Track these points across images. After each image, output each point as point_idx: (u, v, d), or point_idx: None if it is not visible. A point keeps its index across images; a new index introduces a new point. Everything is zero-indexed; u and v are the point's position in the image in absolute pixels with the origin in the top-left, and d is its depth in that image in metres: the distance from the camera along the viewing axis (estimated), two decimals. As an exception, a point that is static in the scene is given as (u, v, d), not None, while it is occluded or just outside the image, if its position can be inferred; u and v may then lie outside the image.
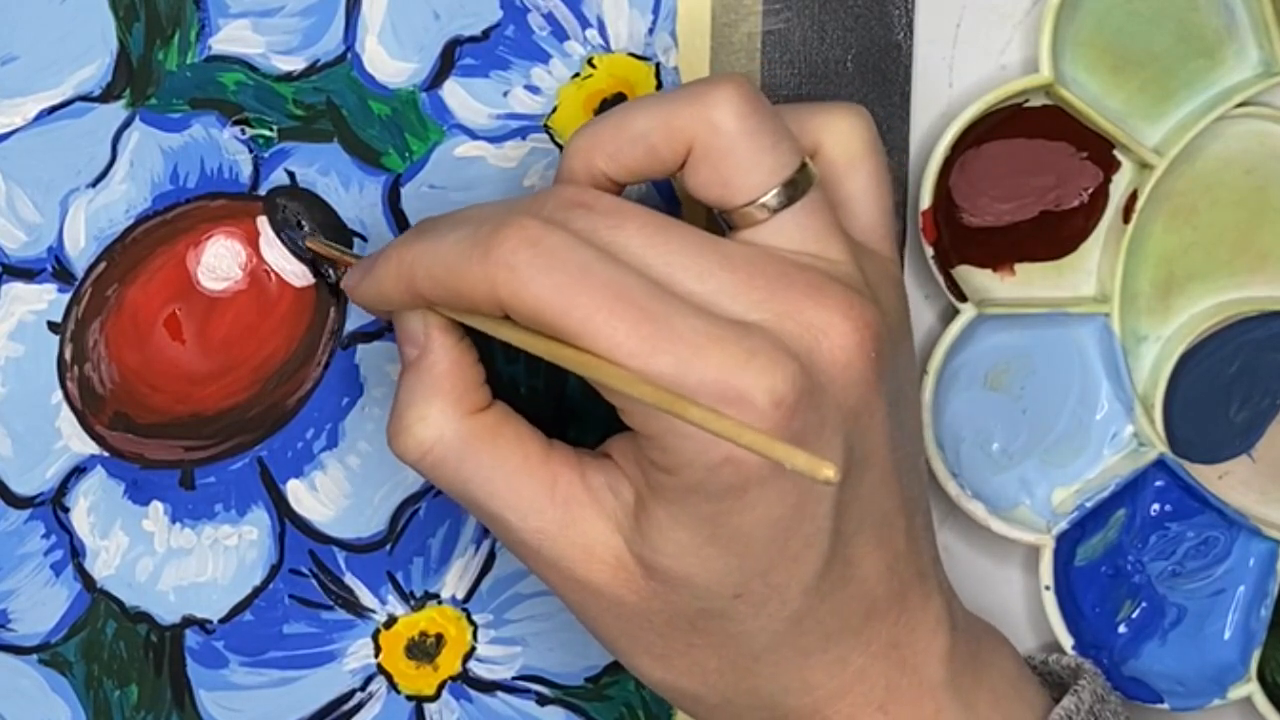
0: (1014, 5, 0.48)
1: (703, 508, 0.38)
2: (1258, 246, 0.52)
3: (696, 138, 0.38)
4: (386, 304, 0.40)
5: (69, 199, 0.42)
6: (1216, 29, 0.49)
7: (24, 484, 0.43)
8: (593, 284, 0.36)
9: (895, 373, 0.40)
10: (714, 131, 0.38)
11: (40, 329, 0.42)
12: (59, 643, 0.44)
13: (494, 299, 0.37)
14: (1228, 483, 0.53)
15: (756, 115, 0.38)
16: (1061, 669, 0.47)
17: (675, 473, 0.37)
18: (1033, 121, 0.48)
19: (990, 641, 0.44)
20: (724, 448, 0.36)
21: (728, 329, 0.36)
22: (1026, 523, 0.50)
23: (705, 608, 0.39)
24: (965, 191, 0.49)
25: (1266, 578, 0.53)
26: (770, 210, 0.39)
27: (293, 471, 0.45)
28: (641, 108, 0.39)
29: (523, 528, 0.40)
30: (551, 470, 0.40)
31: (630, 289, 0.36)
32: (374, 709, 0.47)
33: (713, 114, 0.38)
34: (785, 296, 0.38)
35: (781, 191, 0.39)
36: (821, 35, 0.46)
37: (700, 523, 0.38)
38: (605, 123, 0.39)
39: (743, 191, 0.39)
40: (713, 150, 0.38)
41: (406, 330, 0.40)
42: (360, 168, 0.43)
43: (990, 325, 0.49)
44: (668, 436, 0.37)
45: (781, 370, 0.36)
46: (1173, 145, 0.49)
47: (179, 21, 0.42)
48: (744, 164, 0.38)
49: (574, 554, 0.39)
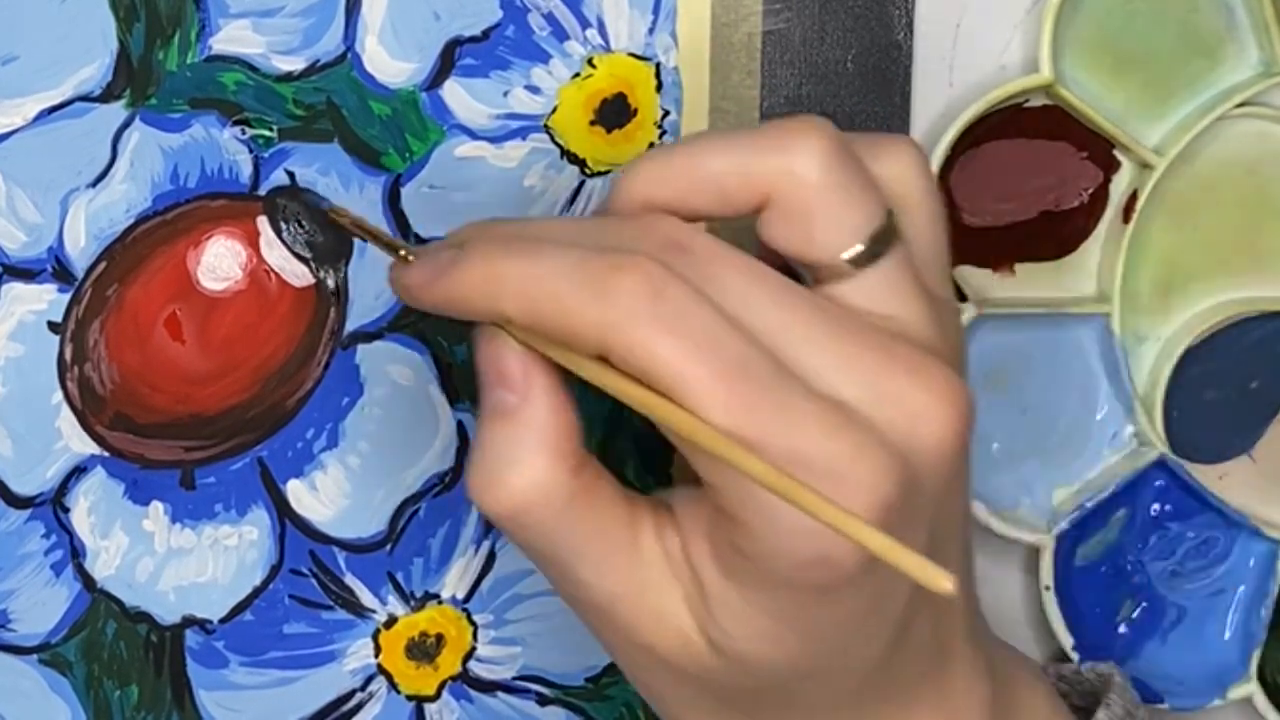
0: (1014, 5, 0.48)
1: (783, 599, 0.35)
2: (1258, 246, 0.52)
3: (776, 188, 0.36)
4: (460, 312, 0.37)
5: (69, 199, 0.42)
6: (1216, 29, 0.49)
7: (24, 484, 0.43)
8: (716, 353, 0.34)
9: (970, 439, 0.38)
10: (797, 183, 0.36)
11: (40, 329, 0.42)
12: (59, 643, 0.44)
13: (601, 343, 0.34)
14: (1228, 483, 0.53)
15: (842, 166, 0.36)
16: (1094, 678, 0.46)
17: (758, 561, 0.35)
18: (1033, 121, 0.48)
19: (1024, 677, 0.43)
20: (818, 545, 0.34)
21: (838, 417, 0.34)
22: (1026, 523, 0.50)
23: (772, 685, 0.38)
24: (965, 191, 0.49)
25: (1266, 578, 0.53)
26: (855, 265, 0.36)
27: (293, 471, 0.45)
28: (717, 149, 0.36)
29: (598, 591, 0.37)
30: (635, 532, 0.37)
31: (751, 363, 0.34)
32: (374, 709, 0.47)
33: (796, 164, 0.36)
34: (892, 377, 0.35)
35: (868, 246, 0.36)
36: (821, 35, 0.46)
37: (779, 612, 0.36)
38: (676, 158, 0.37)
39: (828, 248, 0.36)
40: (795, 203, 0.36)
41: (503, 372, 0.36)
42: (360, 168, 0.43)
43: (990, 325, 0.49)
44: (757, 523, 0.35)
45: (888, 469, 0.34)
46: (1173, 145, 0.49)
47: (179, 21, 0.42)
48: (829, 219, 0.36)
49: (645, 621, 0.37)
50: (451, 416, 0.45)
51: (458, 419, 0.45)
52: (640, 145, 0.45)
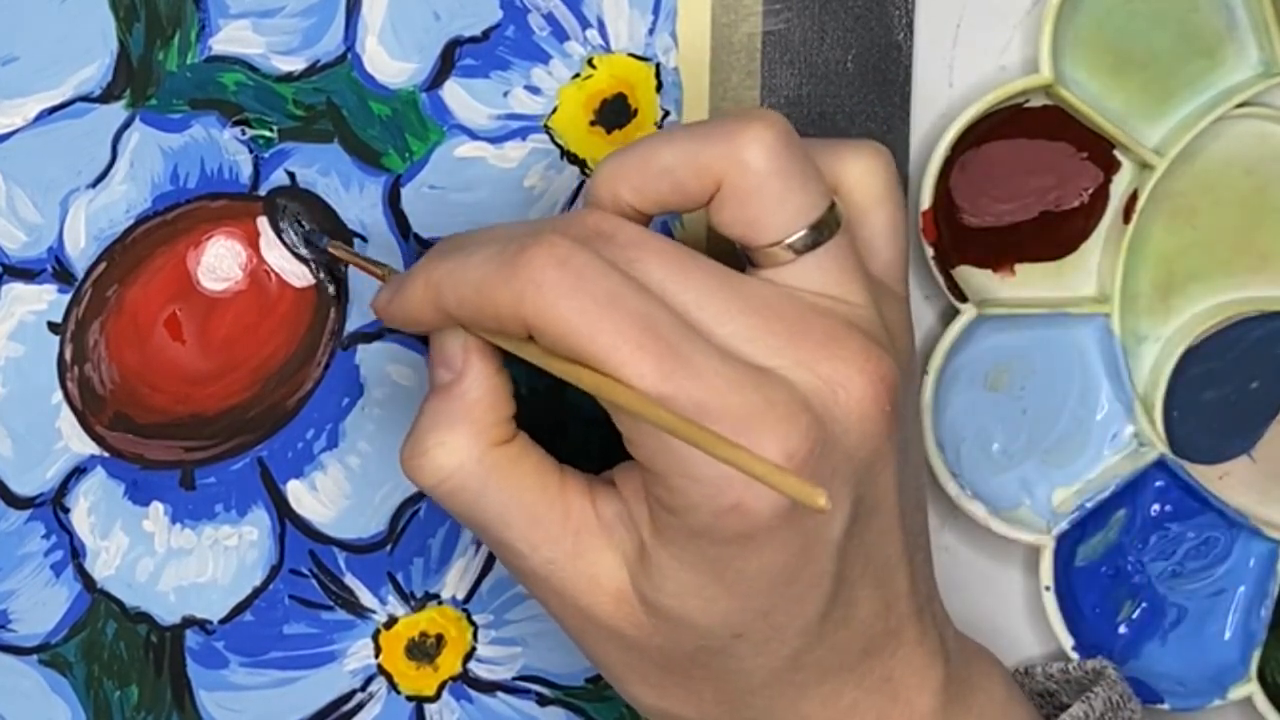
0: (1014, 5, 0.48)
1: (708, 551, 0.37)
2: (1258, 246, 0.52)
3: (725, 175, 0.37)
4: (416, 324, 0.39)
5: (69, 199, 0.42)
6: (1216, 29, 0.49)
7: (24, 484, 0.43)
8: (620, 311, 0.35)
9: (904, 419, 0.39)
10: (743, 170, 0.37)
11: (40, 329, 0.42)
12: (59, 643, 0.44)
13: (519, 318, 0.36)
14: (1228, 483, 0.53)
15: (788, 155, 0.37)
16: (1084, 674, 0.46)
17: (681, 515, 0.37)
18: (1033, 121, 0.48)
19: (980, 666, 0.44)
20: (732, 493, 0.36)
21: (747, 375, 0.36)
22: (1027, 523, 0.50)
23: (705, 645, 0.39)
24: (965, 192, 0.49)
25: (1266, 578, 0.53)
26: (796, 251, 0.38)
27: (293, 472, 0.45)
28: (670, 141, 0.38)
29: (533, 557, 0.39)
30: (566, 500, 0.39)
31: (657, 321, 0.36)
32: (374, 709, 0.47)
33: (743, 152, 0.37)
34: (803, 345, 0.37)
35: (809, 233, 0.38)
36: (821, 35, 0.46)
37: (704, 565, 0.37)
38: (631, 154, 0.39)
39: (769, 231, 0.38)
40: (741, 189, 0.37)
41: (443, 352, 0.39)
42: (360, 168, 0.43)
43: (990, 325, 0.49)
44: (675, 477, 0.36)
45: (796, 423, 0.36)
46: (1173, 145, 0.49)
47: (179, 22, 0.42)
48: (772, 205, 0.38)
49: (580, 584, 0.39)
50: (451, 417, 0.45)
51: (458, 419, 0.45)
52: (640, 145, 0.45)
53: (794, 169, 0.38)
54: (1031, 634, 0.52)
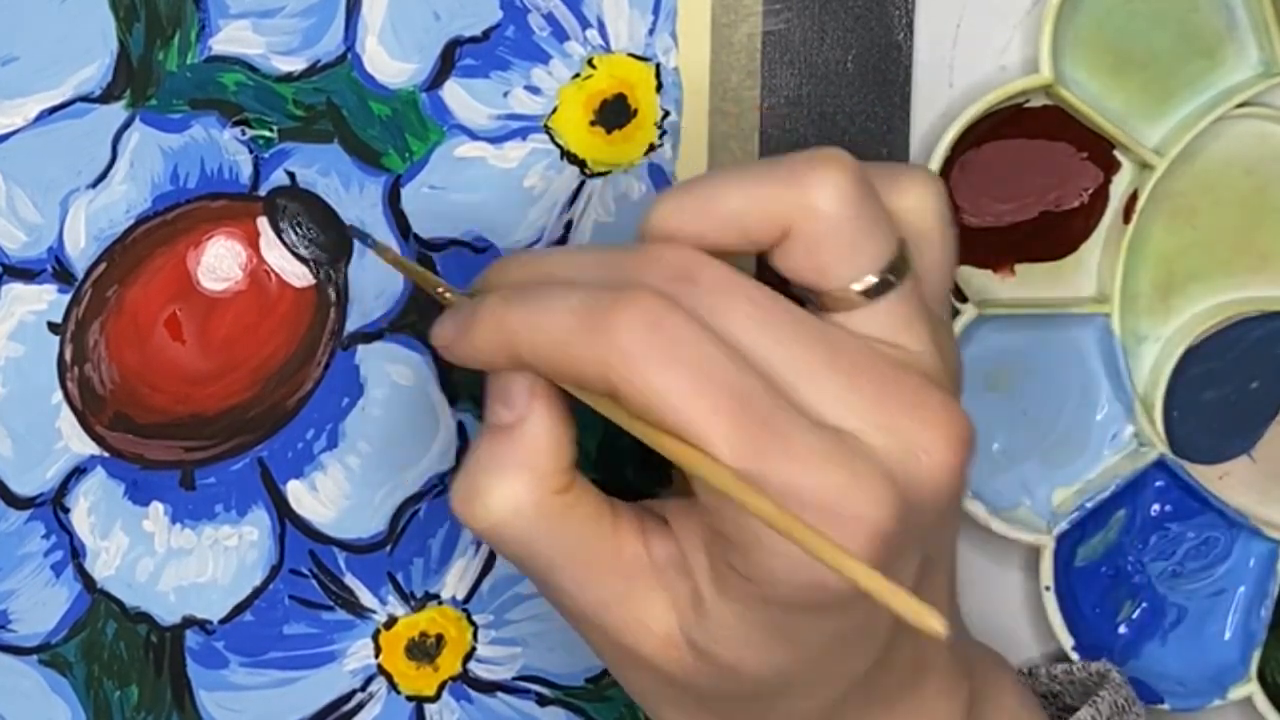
0: (1014, 5, 0.48)
1: (776, 615, 0.36)
2: (1258, 246, 0.52)
3: (794, 222, 0.36)
4: (486, 367, 0.37)
5: (69, 199, 0.42)
6: (1216, 29, 0.49)
7: (24, 484, 0.43)
8: (714, 384, 0.34)
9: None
10: (815, 217, 0.36)
11: (40, 329, 0.42)
12: (59, 643, 0.44)
13: (605, 382, 0.34)
14: (1228, 483, 0.53)
15: (859, 198, 0.36)
16: (1089, 675, 0.46)
17: (757, 585, 0.36)
18: (1033, 122, 0.48)
19: (993, 675, 0.43)
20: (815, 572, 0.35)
21: (835, 446, 0.35)
22: (1027, 523, 0.50)
23: (755, 692, 0.38)
24: (965, 192, 0.49)
25: (1266, 578, 0.53)
26: (865, 297, 0.37)
27: (293, 472, 0.45)
28: (733, 184, 0.36)
29: (581, 598, 0.38)
30: (618, 541, 0.38)
31: (751, 393, 0.34)
32: (374, 709, 0.47)
33: (814, 197, 0.36)
34: (887, 407, 0.36)
35: (880, 279, 0.37)
36: (821, 35, 0.46)
37: (770, 627, 0.36)
38: (690, 196, 0.37)
39: (840, 279, 0.36)
40: (811, 236, 0.36)
41: (506, 391, 0.37)
42: (360, 168, 0.43)
43: (990, 326, 0.49)
44: (756, 550, 0.35)
45: (883, 501, 0.34)
46: (1173, 145, 0.49)
47: (179, 22, 0.42)
48: (845, 251, 0.36)
49: (628, 625, 0.38)
50: (451, 417, 0.45)
51: (458, 419, 0.45)
52: (640, 146, 0.45)
53: (865, 213, 0.36)
54: (1031, 634, 0.52)
